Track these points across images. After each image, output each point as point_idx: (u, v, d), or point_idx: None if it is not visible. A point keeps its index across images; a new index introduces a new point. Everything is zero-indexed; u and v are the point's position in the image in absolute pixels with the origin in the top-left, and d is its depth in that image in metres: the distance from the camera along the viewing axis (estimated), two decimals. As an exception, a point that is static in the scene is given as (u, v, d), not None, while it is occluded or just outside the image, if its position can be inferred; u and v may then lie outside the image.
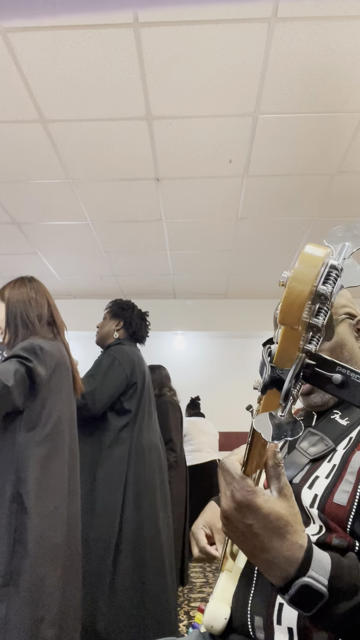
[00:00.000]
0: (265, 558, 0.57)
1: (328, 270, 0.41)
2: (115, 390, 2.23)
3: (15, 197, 3.64)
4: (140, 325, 2.52)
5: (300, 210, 3.88)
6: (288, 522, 0.57)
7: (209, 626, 0.81)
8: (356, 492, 0.71)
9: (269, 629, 0.72)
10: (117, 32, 2.26)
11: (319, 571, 0.56)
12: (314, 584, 0.55)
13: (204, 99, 2.68)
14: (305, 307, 0.40)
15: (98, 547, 2.06)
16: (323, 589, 0.55)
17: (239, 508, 0.57)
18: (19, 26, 2.20)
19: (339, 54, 2.38)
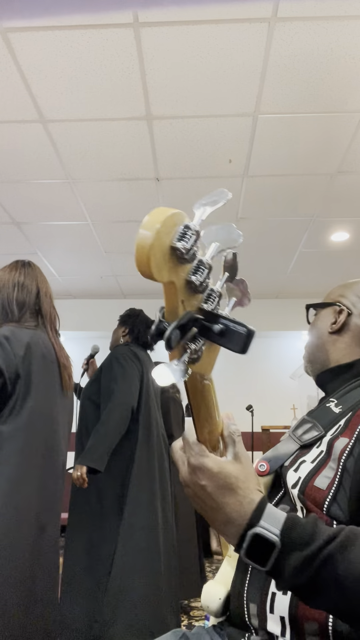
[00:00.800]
0: (220, 518, 0.59)
1: (184, 227, 0.47)
2: (135, 379, 2.32)
3: (15, 197, 3.64)
4: (145, 331, 2.59)
5: (300, 210, 3.88)
6: (239, 480, 0.59)
7: (205, 606, 0.83)
8: (336, 479, 0.73)
9: (262, 617, 0.73)
10: (117, 32, 2.26)
11: (271, 522, 0.57)
12: (265, 533, 0.56)
13: (204, 99, 2.68)
14: (153, 259, 0.45)
15: (100, 537, 2.10)
16: (274, 537, 0.56)
17: (194, 471, 0.60)
18: (19, 26, 2.20)
19: (339, 54, 2.38)
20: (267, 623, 0.72)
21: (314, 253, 4.69)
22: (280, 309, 5.88)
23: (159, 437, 2.43)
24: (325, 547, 0.55)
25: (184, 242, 0.47)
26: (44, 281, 1.75)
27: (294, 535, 0.56)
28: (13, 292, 1.64)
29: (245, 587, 0.77)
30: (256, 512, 0.58)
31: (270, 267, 5.02)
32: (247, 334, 0.50)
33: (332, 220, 4.04)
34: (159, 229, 0.46)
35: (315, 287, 5.59)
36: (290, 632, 0.69)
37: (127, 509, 2.14)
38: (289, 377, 5.22)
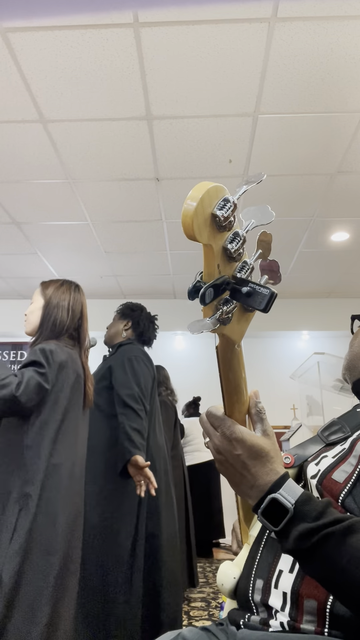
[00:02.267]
0: (248, 481, 0.68)
1: (224, 200, 0.56)
2: (149, 383, 2.28)
3: (15, 197, 3.64)
4: (149, 327, 2.52)
5: (300, 210, 3.88)
6: (269, 453, 0.68)
7: (219, 584, 0.90)
8: (354, 474, 0.77)
9: (266, 591, 0.78)
10: (117, 32, 2.26)
11: (289, 492, 0.65)
12: (282, 499, 0.64)
13: (204, 99, 2.68)
14: (195, 223, 0.53)
15: (113, 539, 2.09)
16: (289, 505, 0.64)
17: (230, 442, 0.68)
18: (19, 26, 2.20)
19: (339, 54, 2.38)
20: (269, 598, 0.76)
21: (314, 253, 4.69)
22: (281, 309, 5.88)
23: (162, 440, 2.42)
24: (330, 526, 0.61)
25: (223, 211, 0.55)
26: (85, 307, 1.90)
27: (306, 508, 0.64)
28: (63, 314, 1.79)
29: (255, 565, 0.82)
30: (278, 482, 0.66)
31: (270, 267, 5.01)
32: (270, 295, 0.58)
33: (332, 220, 4.04)
34: (202, 197, 0.54)
35: (315, 287, 5.59)
36: (290, 608, 0.73)
37: (140, 516, 2.13)
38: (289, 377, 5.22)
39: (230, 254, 0.59)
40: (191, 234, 0.54)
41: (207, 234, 0.56)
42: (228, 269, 0.60)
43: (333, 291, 5.72)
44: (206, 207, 0.54)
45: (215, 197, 0.55)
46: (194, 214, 0.53)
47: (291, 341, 6.19)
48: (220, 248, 0.58)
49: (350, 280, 5.36)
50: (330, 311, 5.86)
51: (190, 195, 0.54)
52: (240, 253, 0.60)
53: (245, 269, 0.62)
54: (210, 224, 0.56)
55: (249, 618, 0.79)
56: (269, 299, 0.58)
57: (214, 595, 3.35)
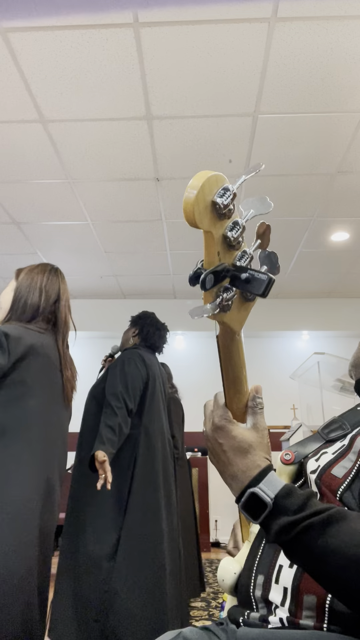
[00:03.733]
0: (229, 472, 0.70)
1: (223, 188, 0.58)
2: (138, 383, 2.31)
3: (15, 197, 3.64)
4: (153, 333, 2.59)
5: (300, 210, 3.88)
6: (252, 446, 0.69)
7: (220, 579, 0.91)
8: (353, 470, 0.78)
9: (266, 587, 0.78)
10: (117, 32, 2.26)
11: (269, 487, 0.66)
12: (261, 494, 0.65)
13: (204, 99, 2.68)
14: (196, 210, 0.55)
15: (101, 535, 2.10)
16: (268, 499, 0.65)
17: (216, 430, 0.71)
18: (19, 26, 2.20)
19: (339, 54, 2.38)
20: (270, 593, 0.77)
21: (314, 253, 4.69)
22: (280, 309, 5.88)
23: (164, 441, 2.41)
24: (309, 518, 0.62)
25: (223, 199, 0.58)
26: (65, 291, 1.74)
27: (285, 502, 0.65)
28: (33, 295, 1.64)
29: (256, 560, 0.83)
30: (258, 476, 0.67)
31: (270, 267, 5.01)
32: (268, 280, 0.60)
33: (332, 220, 4.05)
34: (203, 185, 0.56)
35: (315, 287, 5.59)
36: (290, 603, 0.74)
37: (127, 517, 2.14)
38: (289, 377, 5.22)
39: (230, 242, 0.61)
40: (192, 220, 0.56)
41: (208, 221, 0.58)
42: (228, 257, 0.62)
43: (333, 291, 5.72)
44: (207, 194, 0.57)
45: (216, 185, 0.58)
46: (194, 201, 0.55)
47: (291, 341, 6.19)
48: (221, 235, 0.60)
49: (350, 280, 5.36)
50: (330, 311, 5.86)
51: (191, 184, 0.56)
52: (239, 241, 0.62)
53: (245, 258, 0.63)
54: (211, 211, 0.58)
55: (248, 615, 0.79)
56: (267, 284, 0.60)
57: (214, 595, 3.35)
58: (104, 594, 2.04)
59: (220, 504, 5.47)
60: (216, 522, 5.52)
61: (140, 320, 2.63)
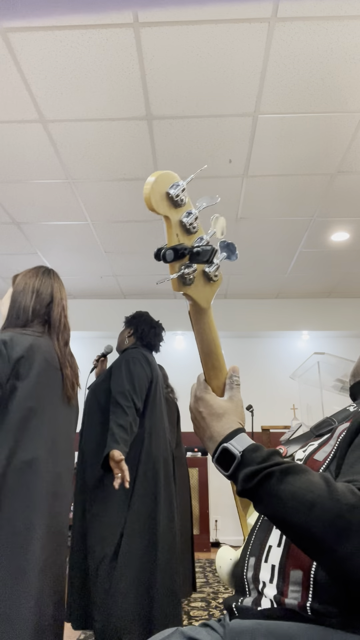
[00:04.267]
0: (207, 435, 0.80)
1: (175, 183, 0.73)
2: (144, 383, 2.32)
3: (15, 197, 3.64)
4: (148, 332, 2.60)
5: (300, 210, 3.88)
6: (226, 412, 0.81)
7: (217, 566, 0.97)
8: (331, 453, 0.86)
9: (257, 567, 0.84)
10: (117, 32, 2.26)
11: (239, 443, 0.76)
12: (231, 448, 0.75)
13: (204, 99, 2.68)
14: (152, 198, 0.70)
15: (104, 534, 2.11)
16: (236, 452, 0.74)
17: (196, 400, 0.84)
18: (19, 26, 2.20)
19: (339, 54, 2.38)
20: (260, 572, 0.83)
21: (314, 253, 4.69)
22: (280, 309, 5.88)
23: (165, 441, 2.42)
24: (270, 467, 0.70)
25: (174, 190, 0.73)
26: (59, 291, 1.73)
27: (252, 455, 0.74)
28: (25, 297, 1.65)
29: (250, 545, 0.89)
30: (230, 435, 0.77)
31: (270, 267, 5.02)
32: (211, 249, 0.74)
33: (332, 220, 4.04)
34: (157, 179, 0.71)
35: (315, 287, 5.59)
36: (277, 579, 0.79)
37: (129, 517, 2.14)
38: (289, 377, 5.21)
39: (185, 226, 0.75)
40: (150, 205, 0.70)
41: (164, 208, 0.72)
42: (187, 239, 0.76)
43: (333, 291, 5.72)
44: (161, 186, 0.72)
45: (169, 180, 0.73)
46: (151, 191, 0.70)
47: (291, 341, 6.19)
48: (177, 221, 0.75)
49: (350, 280, 5.36)
50: (330, 311, 5.86)
51: (147, 180, 0.71)
52: (194, 227, 0.76)
53: (202, 242, 0.77)
54: (166, 199, 0.73)
55: (241, 601, 0.83)
56: (211, 252, 0.74)
57: (214, 595, 3.35)
58: (105, 594, 2.04)
59: (220, 504, 5.47)
60: (216, 522, 5.52)
61: (134, 320, 2.65)
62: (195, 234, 0.77)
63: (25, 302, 1.65)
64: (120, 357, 2.44)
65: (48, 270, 1.77)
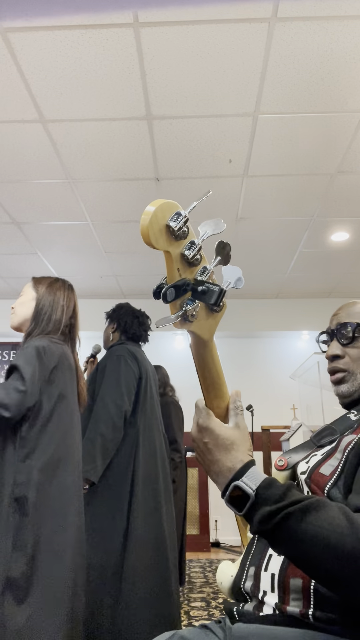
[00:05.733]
0: (215, 469, 0.74)
1: (176, 213, 0.65)
2: (132, 382, 2.26)
3: (15, 197, 3.64)
4: (132, 323, 2.46)
5: (300, 210, 3.88)
6: (234, 443, 0.74)
7: (219, 582, 0.95)
8: (338, 467, 0.82)
9: (257, 576, 0.83)
10: (117, 32, 2.26)
11: (251, 480, 0.70)
12: (244, 486, 0.69)
13: (204, 99, 2.68)
14: (151, 232, 0.62)
15: (104, 541, 2.08)
16: (250, 491, 0.69)
17: (200, 430, 0.76)
18: (19, 26, 2.20)
19: (339, 54, 2.38)
20: (260, 581, 0.81)
21: (314, 253, 4.69)
22: (280, 309, 5.88)
23: (160, 438, 2.38)
24: (288, 507, 0.66)
25: (176, 223, 0.65)
26: (77, 306, 1.92)
27: (267, 493, 0.68)
28: (56, 310, 1.81)
29: (250, 555, 0.88)
30: (241, 470, 0.71)
31: (270, 267, 5.01)
32: (219, 291, 0.68)
33: (332, 220, 4.05)
34: (156, 211, 0.63)
35: (315, 287, 5.59)
36: (278, 587, 0.78)
37: (132, 517, 2.11)
38: (289, 377, 5.21)
39: (187, 260, 0.68)
40: (148, 241, 0.63)
41: (163, 242, 0.65)
42: (188, 273, 0.69)
43: (333, 291, 5.72)
44: (160, 219, 0.64)
45: (169, 211, 0.65)
46: (149, 224, 0.62)
47: (291, 341, 6.19)
48: (179, 254, 0.67)
49: (350, 280, 5.36)
50: (330, 311, 5.76)
51: (146, 210, 0.63)
52: (197, 259, 0.69)
53: (206, 273, 0.69)
54: (165, 233, 0.65)
55: (242, 606, 0.82)
56: (219, 294, 0.68)
57: (214, 595, 3.35)
58: (110, 609, 2.01)
59: (220, 504, 5.45)
60: (216, 522, 5.52)
61: (115, 314, 2.52)
62: (199, 265, 0.70)
63: (56, 315, 1.80)
64: (105, 357, 2.33)
65: (70, 285, 1.95)
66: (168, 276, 0.68)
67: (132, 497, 2.13)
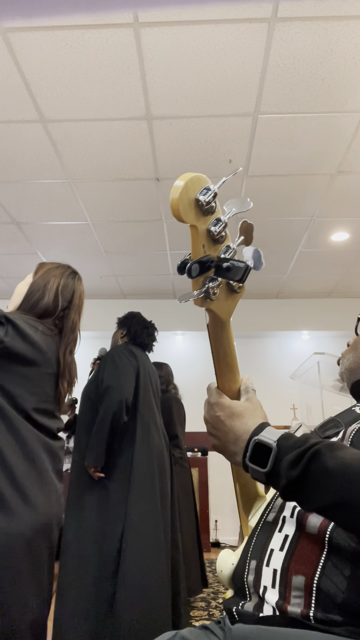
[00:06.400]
0: (231, 437, 0.75)
1: (205, 188, 0.65)
2: (131, 373, 2.36)
3: (15, 197, 3.64)
4: (141, 332, 2.62)
5: (300, 210, 3.88)
6: (246, 410, 0.76)
7: (219, 570, 0.95)
8: None
9: (258, 570, 0.81)
10: (117, 32, 2.26)
11: (270, 435, 0.71)
12: (265, 439, 0.70)
13: (204, 99, 2.68)
14: (181, 206, 0.62)
15: (105, 532, 2.10)
16: (272, 443, 0.69)
17: (212, 406, 0.78)
18: (19, 26, 2.20)
19: (339, 54, 2.38)
20: (262, 576, 0.80)
21: (314, 253, 4.69)
22: (280, 309, 5.88)
23: (159, 433, 2.43)
24: (314, 445, 0.66)
25: (205, 197, 0.65)
26: (78, 297, 1.67)
27: (288, 442, 0.69)
28: (46, 297, 1.58)
29: (250, 547, 0.87)
30: (258, 428, 0.73)
31: (270, 267, 5.02)
32: (245, 267, 0.67)
33: (332, 220, 4.05)
34: (187, 184, 0.63)
35: (315, 287, 5.59)
36: (279, 584, 0.77)
37: (129, 509, 2.13)
38: (289, 377, 5.22)
39: (213, 236, 0.67)
40: (178, 215, 0.62)
41: (192, 216, 0.65)
42: (213, 250, 0.68)
43: (333, 291, 5.72)
44: (190, 192, 0.64)
45: (199, 184, 0.65)
46: (179, 198, 0.62)
47: (291, 341, 6.19)
48: (205, 230, 0.67)
49: (350, 280, 5.36)
50: (330, 311, 5.86)
51: (176, 184, 0.63)
52: (222, 236, 0.69)
53: (229, 252, 0.69)
54: (195, 207, 0.65)
55: (242, 605, 0.81)
56: (245, 270, 0.67)
57: (214, 595, 3.35)
58: (109, 605, 2.01)
59: (220, 504, 5.47)
60: (216, 522, 5.52)
61: (126, 321, 2.67)
62: (223, 243, 0.70)
63: (47, 300, 1.57)
64: (107, 354, 2.47)
65: (73, 271, 1.70)
66: (193, 251, 0.67)
67: (130, 493, 2.16)
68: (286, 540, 0.79)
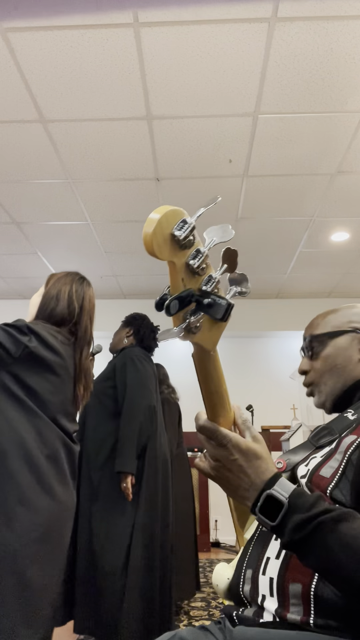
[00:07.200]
0: (245, 484, 0.73)
1: (182, 221, 0.60)
2: (152, 379, 2.40)
3: (15, 197, 3.64)
4: (149, 335, 2.63)
5: (300, 210, 3.88)
6: (262, 455, 0.74)
7: (214, 584, 0.95)
8: (339, 469, 0.82)
9: (255, 580, 0.81)
10: (117, 32, 2.26)
11: (283, 488, 0.71)
12: (277, 495, 0.70)
13: (204, 99, 2.68)
14: (154, 242, 0.58)
15: (113, 536, 2.11)
16: (283, 499, 0.69)
17: (226, 448, 0.74)
18: (19, 26, 2.20)
19: (339, 54, 2.38)
20: (258, 585, 0.80)
21: (314, 253, 4.69)
22: (280, 309, 5.88)
23: (166, 440, 2.47)
24: (320, 515, 0.66)
25: (181, 232, 0.60)
26: (89, 301, 1.74)
27: (299, 501, 0.69)
28: (60, 303, 1.65)
29: (246, 558, 0.87)
30: (272, 480, 0.72)
31: (270, 267, 5.01)
32: (227, 305, 0.64)
33: (332, 220, 4.04)
34: (160, 219, 0.59)
35: (315, 287, 5.59)
36: (277, 593, 0.77)
37: (136, 525, 2.14)
38: (289, 377, 5.22)
39: (193, 269, 0.64)
40: (152, 251, 0.58)
41: (168, 252, 0.60)
42: (193, 282, 0.65)
43: (333, 291, 5.72)
44: (164, 228, 0.60)
45: (174, 218, 0.61)
46: (152, 234, 0.58)
47: (291, 341, 6.19)
48: (183, 264, 0.63)
49: (350, 280, 5.36)
50: (330, 311, 5.85)
51: (148, 219, 0.59)
52: (203, 268, 0.65)
53: (211, 282, 0.66)
54: (170, 242, 0.60)
55: (242, 611, 0.81)
56: (226, 309, 0.64)
57: (214, 595, 3.35)
58: (115, 609, 2.03)
59: (220, 504, 5.47)
60: (216, 522, 5.52)
61: (135, 322, 2.67)
62: (204, 275, 0.66)
63: (60, 308, 1.64)
64: (123, 356, 2.44)
65: (83, 278, 1.77)
66: (172, 286, 0.64)
67: (138, 507, 2.18)
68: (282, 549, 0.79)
